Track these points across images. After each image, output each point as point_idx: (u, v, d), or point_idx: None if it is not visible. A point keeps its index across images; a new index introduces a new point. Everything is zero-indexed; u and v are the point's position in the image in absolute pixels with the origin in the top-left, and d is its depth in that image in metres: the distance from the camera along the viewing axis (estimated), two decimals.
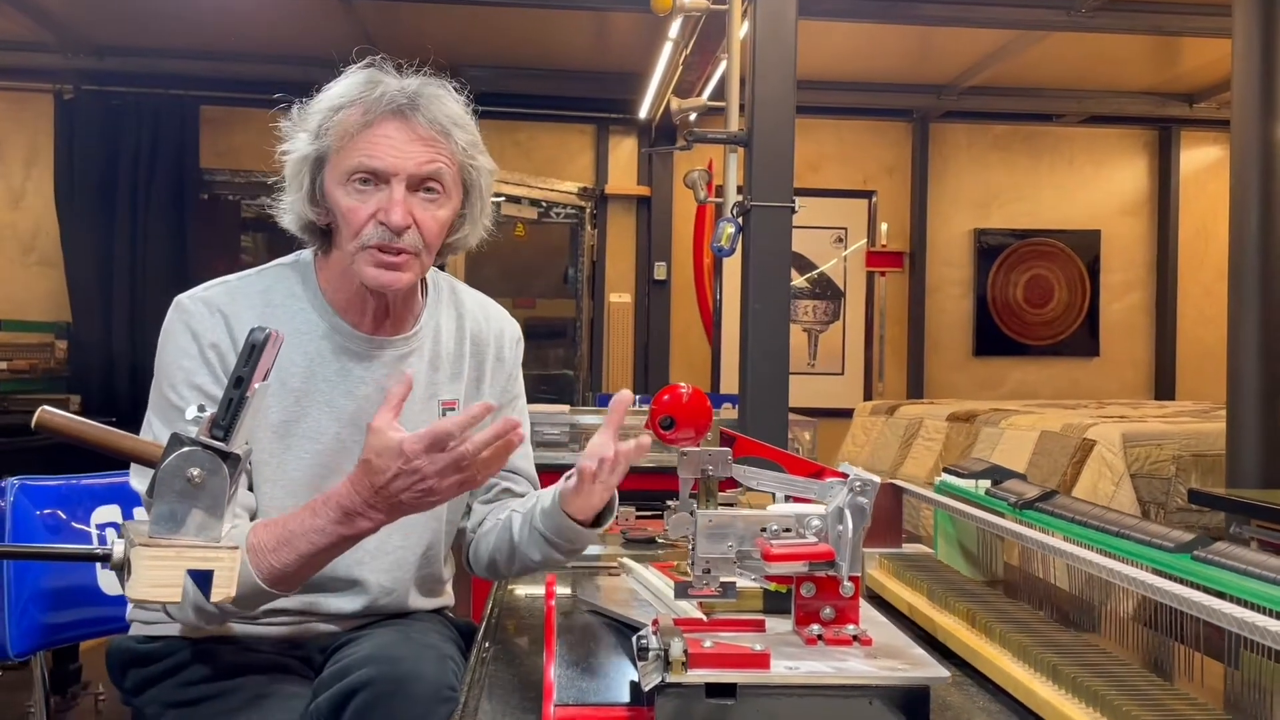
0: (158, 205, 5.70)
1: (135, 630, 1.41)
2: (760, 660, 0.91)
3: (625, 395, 1.33)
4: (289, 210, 1.40)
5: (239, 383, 0.84)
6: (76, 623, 1.57)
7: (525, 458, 1.60)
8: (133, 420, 4.76)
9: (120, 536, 0.85)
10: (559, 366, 6.69)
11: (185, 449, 0.82)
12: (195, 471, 0.82)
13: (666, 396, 1.05)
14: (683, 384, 1.07)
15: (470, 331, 1.52)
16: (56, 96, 5.68)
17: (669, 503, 2.71)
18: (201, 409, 0.85)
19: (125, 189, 5.66)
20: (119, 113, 5.67)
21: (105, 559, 0.82)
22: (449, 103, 1.38)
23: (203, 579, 0.82)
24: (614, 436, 1.30)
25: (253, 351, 0.84)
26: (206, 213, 5.98)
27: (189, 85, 5.74)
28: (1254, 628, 0.85)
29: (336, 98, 1.36)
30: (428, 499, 1.19)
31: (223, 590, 0.82)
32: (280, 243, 1.46)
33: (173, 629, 1.36)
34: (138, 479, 1.33)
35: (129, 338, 5.66)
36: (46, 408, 0.83)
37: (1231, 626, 0.88)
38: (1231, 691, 1.04)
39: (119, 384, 5.63)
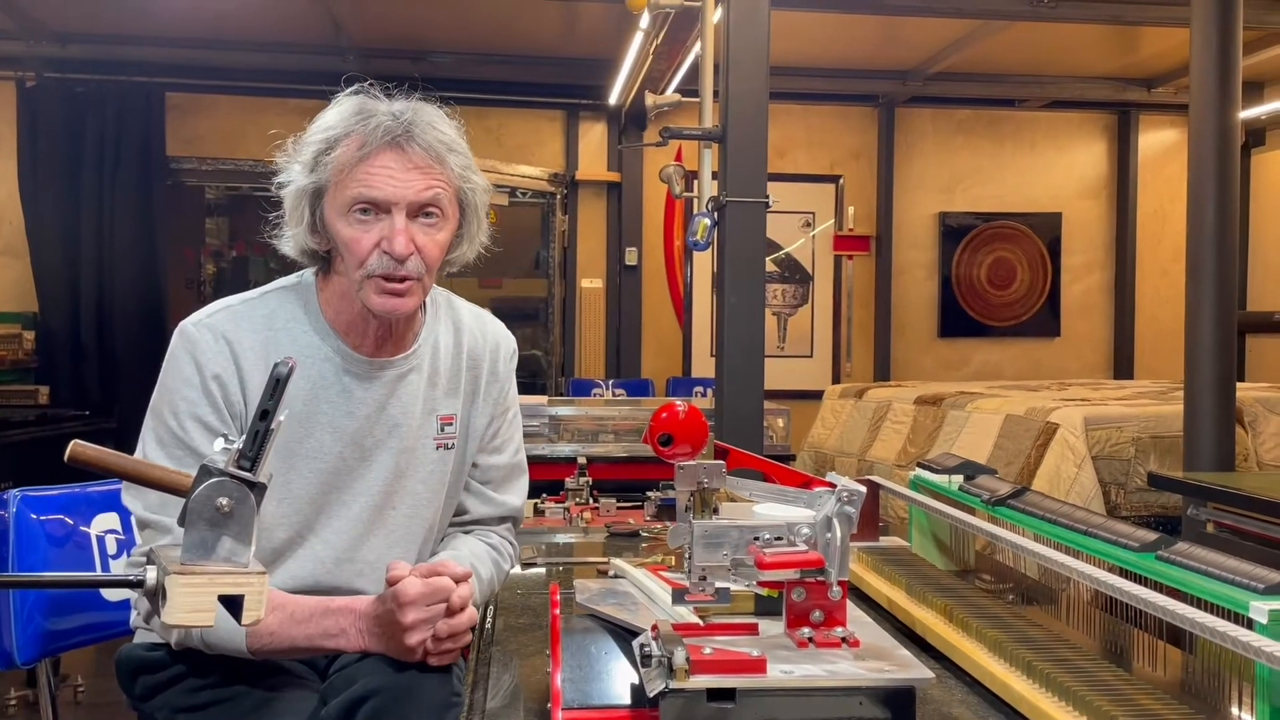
0: (123, 193, 5.64)
1: (141, 637, 1.44)
2: (757, 665, 0.97)
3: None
4: (290, 240, 1.43)
5: (265, 415, 0.88)
6: (80, 628, 1.60)
7: (512, 490, 1.63)
8: (103, 410, 4.69)
9: (150, 561, 0.89)
10: (526, 347, 6.72)
11: (215, 480, 0.86)
12: (224, 501, 0.86)
13: (664, 414, 1.11)
14: (679, 401, 1.12)
15: (467, 346, 1.56)
16: (19, 84, 5.60)
17: (649, 493, 2.76)
18: (229, 440, 0.89)
19: (90, 177, 5.60)
20: (83, 100, 5.60)
21: (139, 585, 0.86)
22: (441, 127, 1.41)
23: (233, 604, 0.86)
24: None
25: (277, 386, 0.88)
26: (173, 200, 5.94)
27: (154, 72, 5.68)
28: (1214, 631, 0.91)
29: (329, 129, 1.38)
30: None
31: (253, 613, 0.86)
32: (245, 230, 1.49)
33: None
34: (129, 496, 1.37)
35: (97, 327, 5.63)
36: (78, 441, 0.87)
37: (1193, 629, 0.95)
38: (1190, 678, 1.11)
39: (88, 374, 5.59)
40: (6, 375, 5.49)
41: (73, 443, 0.86)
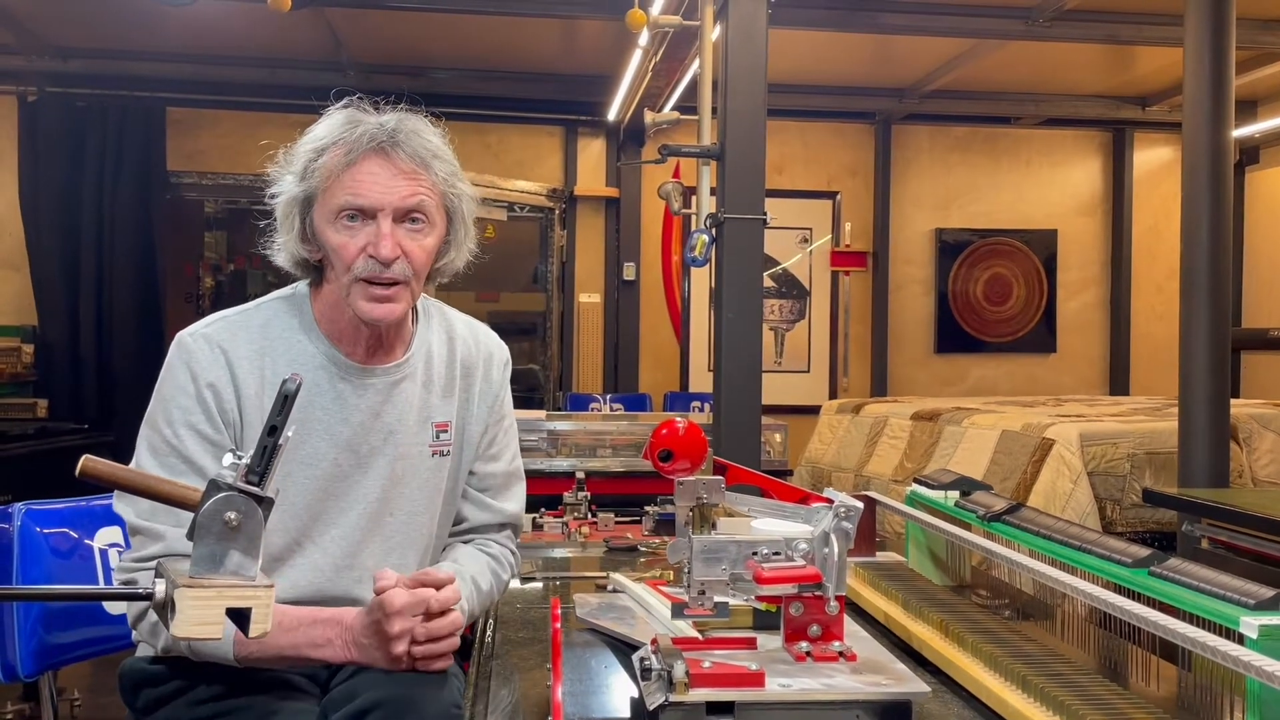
0: (124, 207, 5.67)
1: (143, 651, 1.45)
2: (756, 679, 0.99)
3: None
4: (282, 249, 1.46)
5: (273, 431, 0.89)
6: (83, 641, 1.60)
7: (510, 497, 1.65)
8: (102, 424, 4.70)
9: (157, 576, 0.90)
10: (524, 361, 6.73)
11: (223, 494, 0.88)
12: (233, 515, 0.88)
13: (664, 430, 1.12)
14: (679, 417, 1.14)
15: (460, 354, 1.58)
16: (20, 99, 5.63)
17: (646, 508, 2.76)
18: (238, 455, 0.90)
19: (91, 191, 5.63)
20: (84, 115, 5.63)
21: (148, 598, 0.87)
22: (427, 136, 1.43)
23: (240, 616, 0.87)
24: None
25: (285, 401, 0.90)
26: (172, 214, 5.96)
27: (155, 87, 5.72)
28: (1206, 646, 0.93)
29: (318, 139, 1.41)
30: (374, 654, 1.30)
31: (260, 626, 0.87)
32: (244, 244, 1.51)
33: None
34: (122, 503, 1.39)
35: (96, 340, 5.64)
36: (89, 456, 0.88)
37: (1186, 645, 0.97)
38: (1184, 693, 1.13)
39: (86, 387, 5.60)
40: (5, 389, 5.50)
41: (84, 458, 0.88)
